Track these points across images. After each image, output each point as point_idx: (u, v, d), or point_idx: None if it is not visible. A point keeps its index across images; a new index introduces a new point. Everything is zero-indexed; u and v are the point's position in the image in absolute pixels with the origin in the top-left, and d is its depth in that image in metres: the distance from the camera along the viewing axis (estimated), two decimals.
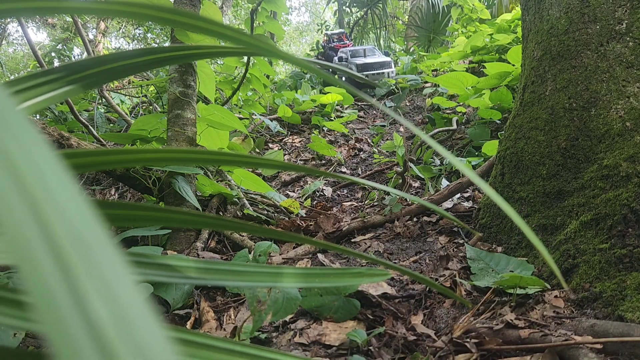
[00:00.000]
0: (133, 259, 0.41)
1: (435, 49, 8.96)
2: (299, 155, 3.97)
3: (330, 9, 12.14)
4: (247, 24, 3.20)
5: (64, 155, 0.37)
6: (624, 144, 1.28)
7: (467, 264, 1.46)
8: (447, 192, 2.11)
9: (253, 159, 0.47)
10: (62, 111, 3.99)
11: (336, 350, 1.10)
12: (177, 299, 1.35)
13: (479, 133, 3.09)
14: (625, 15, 1.41)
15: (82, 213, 0.16)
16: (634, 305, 1.04)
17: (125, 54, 0.43)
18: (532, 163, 1.55)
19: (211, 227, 0.46)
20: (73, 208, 0.16)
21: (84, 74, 0.42)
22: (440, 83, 3.83)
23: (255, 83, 3.73)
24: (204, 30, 0.38)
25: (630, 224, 1.17)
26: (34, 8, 0.34)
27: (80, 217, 0.15)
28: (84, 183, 2.92)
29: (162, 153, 0.44)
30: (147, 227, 1.67)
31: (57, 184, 0.16)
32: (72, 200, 0.16)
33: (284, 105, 4.35)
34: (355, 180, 0.48)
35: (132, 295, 0.14)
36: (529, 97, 1.66)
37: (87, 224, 0.15)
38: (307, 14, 28.17)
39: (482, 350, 1.02)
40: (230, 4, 6.22)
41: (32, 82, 0.40)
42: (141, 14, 0.37)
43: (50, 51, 10.30)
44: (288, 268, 0.48)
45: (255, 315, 1.01)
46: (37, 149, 0.16)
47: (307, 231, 2.10)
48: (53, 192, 0.16)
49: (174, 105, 2.09)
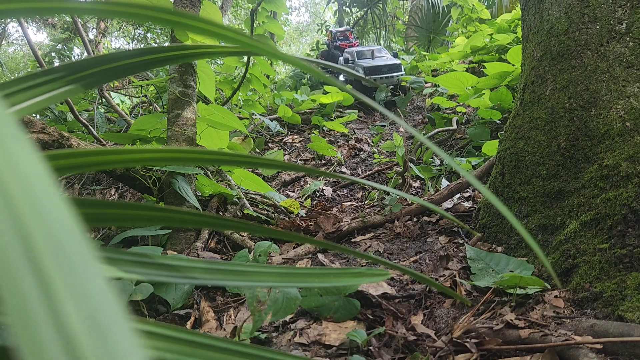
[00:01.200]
0: (133, 259, 0.41)
1: (435, 49, 8.96)
2: (299, 155, 3.97)
3: (330, 9, 12.14)
4: (247, 24, 3.20)
5: (63, 155, 0.37)
6: (624, 144, 1.28)
7: (467, 264, 1.46)
8: (447, 192, 2.11)
9: (253, 159, 0.47)
10: (62, 111, 3.99)
11: (336, 350, 1.10)
12: (177, 299, 1.36)
13: (479, 133, 3.09)
14: (625, 15, 1.41)
15: (57, 211, 0.16)
16: (634, 305, 1.04)
17: (125, 54, 0.43)
18: (532, 163, 1.55)
19: (211, 227, 0.46)
20: (49, 205, 0.15)
21: (84, 74, 0.42)
22: (440, 83, 3.83)
23: (255, 83, 3.73)
24: (204, 31, 0.38)
25: (630, 224, 1.17)
26: (34, 8, 0.34)
27: (54, 214, 0.15)
28: (84, 183, 2.92)
29: (162, 153, 0.44)
30: (147, 227, 1.67)
31: (35, 181, 0.16)
32: (47, 197, 0.16)
33: (284, 105, 4.35)
34: (355, 180, 0.48)
35: (102, 291, 0.14)
36: (529, 97, 1.66)
37: (61, 221, 0.15)
38: (307, 14, 28.16)
39: (482, 350, 1.02)
40: (230, 4, 6.22)
41: (32, 82, 0.40)
42: (141, 15, 0.37)
43: (50, 51, 10.30)
44: (288, 268, 0.48)
45: (255, 315, 1.01)
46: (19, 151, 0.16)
47: (307, 231, 2.10)
48: (29, 189, 0.15)
49: (174, 105, 2.09)
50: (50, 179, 0.16)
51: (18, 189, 0.15)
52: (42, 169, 0.16)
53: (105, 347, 0.13)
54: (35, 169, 0.16)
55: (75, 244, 0.15)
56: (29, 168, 0.16)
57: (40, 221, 0.15)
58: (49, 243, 0.15)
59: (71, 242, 0.15)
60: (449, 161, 0.35)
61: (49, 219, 0.15)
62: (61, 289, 0.14)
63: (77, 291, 0.14)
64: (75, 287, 0.14)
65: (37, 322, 0.13)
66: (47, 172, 0.16)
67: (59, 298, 0.13)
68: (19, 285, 0.13)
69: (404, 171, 2.47)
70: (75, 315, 0.13)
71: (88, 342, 0.13)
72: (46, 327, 0.13)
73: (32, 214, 0.15)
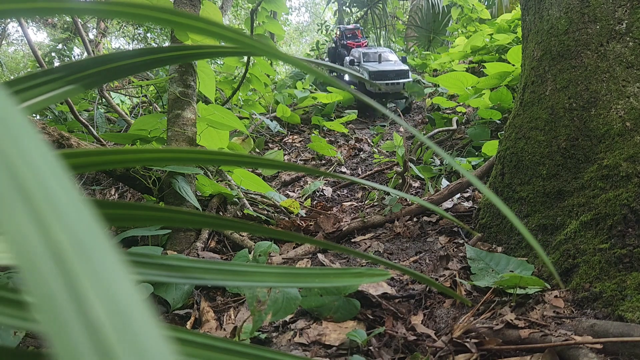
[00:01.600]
0: (133, 259, 0.41)
1: (435, 49, 8.96)
2: (299, 155, 3.97)
3: (330, 9, 12.14)
4: (247, 24, 3.20)
5: (63, 155, 0.37)
6: (624, 144, 1.28)
7: (467, 264, 1.46)
8: (447, 192, 2.11)
9: (253, 159, 0.47)
10: (62, 111, 3.99)
11: (336, 350, 1.10)
12: (177, 299, 1.36)
13: (479, 133, 3.09)
14: (625, 15, 1.41)
15: (81, 214, 0.16)
16: (634, 305, 1.04)
17: (125, 54, 0.43)
18: (532, 163, 1.55)
19: (211, 227, 0.46)
20: (72, 209, 0.16)
21: (83, 74, 0.42)
22: (440, 83, 3.83)
23: (256, 83, 3.73)
24: (204, 31, 0.38)
25: (630, 224, 1.17)
26: (34, 8, 0.34)
27: (79, 218, 0.16)
28: (84, 183, 2.92)
29: (162, 153, 0.44)
30: (147, 227, 1.67)
31: (56, 185, 0.16)
32: (71, 200, 0.16)
33: (283, 105, 4.35)
34: (355, 180, 0.48)
35: (131, 295, 0.14)
36: (529, 97, 1.66)
37: (86, 225, 0.15)
38: (307, 14, 28.16)
39: (482, 350, 1.02)
40: (230, 4, 6.21)
41: (32, 82, 0.40)
42: (141, 15, 0.37)
43: (51, 51, 10.30)
44: (288, 268, 0.48)
45: (255, 315, 1.01)
46: (36, 150, 0.16)
47: (307, 231, 2.10)
48: (52, 192, 0.16)
49: (174, 105, 2.09)
50: (67, 177, 0.16)
51: (36, 187, 0.15)
52: (59, 167, 0.16)
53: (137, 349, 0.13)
54: (53, 167, 0.16)
55: (99, 245, 0.15)
56: (46, 166, 0.16)
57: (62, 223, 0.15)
58: (74, 245, 0.15)
59: (95, 243, 0.15)
60: (449, 161, 0.35)
61: (71, 220, 0.15)
62: (90, 292, 0.14)
63: (105, 294, 0.14)
64: (103, 290, 0.14)
65: (69, 326, 0.13)
66: (64, 171, 0.17)
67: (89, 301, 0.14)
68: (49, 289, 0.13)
69: (404, 171, 2.47)
70: (106, 318, 0.13)
71: (119, 343, 0.13)
72: (78, 331, 0.13)
73: (53, 215, 0.15)
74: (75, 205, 0.16)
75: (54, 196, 0.15)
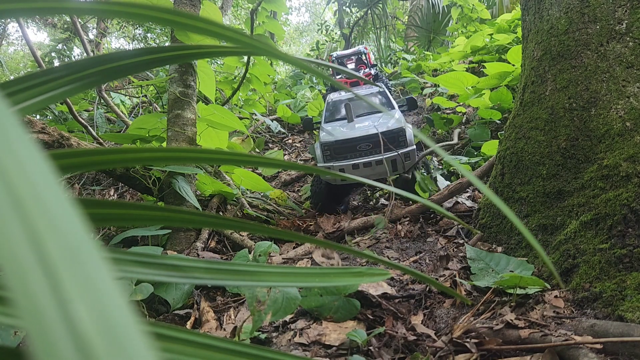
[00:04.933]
0: (133, 259, 0.41)
1: (435, 49, 8.96)
2: (299, 155, 3.97)
3: (330, 9, 12.13)
4: (247, 24, 3.20)
5: (64, 155, 0.37)
6: (624, 144, 1.28)
7: (467, 264, 1.46)
8: (447, 192, 2.12)
9: (253, 158, 0.47)
10: (62, 111, 4.00)
11: (336, 350, 1.10)
12: (177, 299, 1.35)
13: (479, 133, 3.09)
14: (625, 15, 1.41)
15: (66, 214, 0.16)
16: (634, 305, 1.04)
17: (125, 54, 0.43)
18: (532, 163, 1.55)
19: (211, 227, 0.46)
20: (58, 208, 0.16)
21: (83, 74, 0.42)
22: (440, 83, 3.83)
23: (256, 83, 3.73)
24: (204, 31, 0.38)
25: (630, 224, 1.17)
26: (34, 8, 0.34)
27: (64, 217, 0.15)
28: (84, 183, 2.91)
29: (162, 152, 0.44)
30: (147, 227, 1.67)
31: (43, 185, 0.16)
32: (56, 200, 0.16)
33: (283, 105, 4.35)
34: (356, 179, 0.48)
35: (113, 294, 0.14)
36: (529, 97, 1.66)
37: (71, 225, 0.15)
38: (307, 14, 28.15)
39: (482, 350, 1.02)
40: (230, 4, 6.21)
41: (32, 82, 0.40)
42: (141, 15, 0.37)
43: (50, 51, 10.30)
44: (288, 268, 0.48)
45: (255, 315, 1.01)
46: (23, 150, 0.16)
47: (307, 231, 2.10)
48: (39, 192, 0.15)
49: (174, 105, 2.09)
50: (55, 178, 0.16)
51: (25, 189, 0.15)
52: (48, 169, 0.16)
53: (118, 348, 0.13)
54: (41, 169, 0.16)
55: (83, 244, 0.15)
56: (34, 168, 0.16)
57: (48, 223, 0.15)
58: (58, 244, 0.15)
59: (79, 243, 0.15)
60: (449, 161, 0.35)
61: (57, 220, 0.15)
62: (72, 290, 0.14)
63: (87, 292, 0.14)
64: (86, 288, 0.14)
65: (49, 324, 0.13)
66: (52, 172, 0.16)
67: (70, 299, 0.13)
68: (30, 287, 0.13)
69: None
70: (87, 316, 0.13)
71: (100, 342, 0.13)
72: (59, 329, 0.13)
73: (40, 214, 0.15)
74: (61, 205, 0.16)
75: (40, 195, 0.15)
